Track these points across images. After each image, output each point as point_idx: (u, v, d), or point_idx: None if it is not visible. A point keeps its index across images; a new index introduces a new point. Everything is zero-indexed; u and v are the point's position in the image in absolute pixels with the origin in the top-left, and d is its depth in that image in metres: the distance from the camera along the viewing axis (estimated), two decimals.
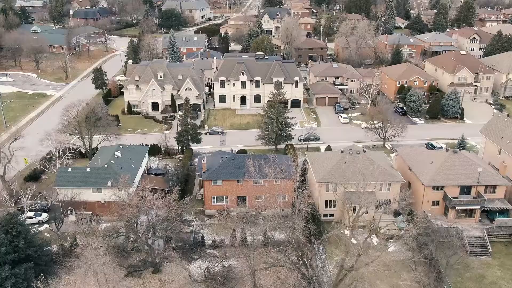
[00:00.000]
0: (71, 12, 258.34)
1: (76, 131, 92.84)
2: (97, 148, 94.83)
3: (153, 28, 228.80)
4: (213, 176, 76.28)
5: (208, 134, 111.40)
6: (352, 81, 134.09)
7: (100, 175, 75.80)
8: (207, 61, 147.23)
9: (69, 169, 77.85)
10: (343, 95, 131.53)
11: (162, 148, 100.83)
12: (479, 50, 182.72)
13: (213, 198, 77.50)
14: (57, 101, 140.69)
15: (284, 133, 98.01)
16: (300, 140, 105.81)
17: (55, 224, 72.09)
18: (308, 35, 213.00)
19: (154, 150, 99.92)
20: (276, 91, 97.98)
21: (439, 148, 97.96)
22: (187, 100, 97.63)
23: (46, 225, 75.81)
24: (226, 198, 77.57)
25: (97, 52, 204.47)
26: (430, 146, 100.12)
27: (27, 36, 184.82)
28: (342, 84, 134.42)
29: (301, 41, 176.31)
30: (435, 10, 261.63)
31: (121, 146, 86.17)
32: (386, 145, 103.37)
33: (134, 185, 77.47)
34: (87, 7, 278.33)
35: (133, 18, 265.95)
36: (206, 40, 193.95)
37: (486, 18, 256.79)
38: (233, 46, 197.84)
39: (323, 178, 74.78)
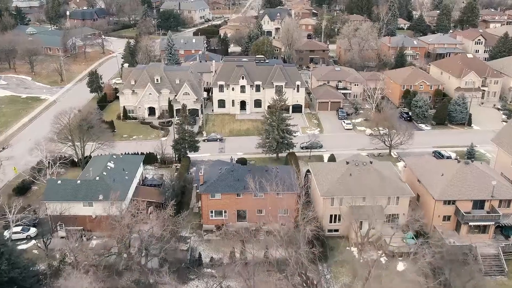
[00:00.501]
0: (67, 13, 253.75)
1: (68, 140, 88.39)
2: (90, 157, 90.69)
3: (151, 29, 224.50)
4: (211, 189, 72.06)
5: (206, 141, 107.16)
6: (355, 85, 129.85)
7: (91, 188, 71.56)
8: (205, 64, 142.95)
9: (59, 181, 73.56)
10: (346, 100, 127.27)
11: (158, 157, 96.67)
12: (484, 52, 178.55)
13: (211, 212, 73.30)
14: (51, 106, 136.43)
15: (286, 141, 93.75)
16: (302, 148, 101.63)
17: (43, 241, 67.80)
18: (309, 36, 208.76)
19: (150, 159, 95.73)
20: (277, 97, 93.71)
21: (448, 157, 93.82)
22: (184, 106, 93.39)
23: (34, 241, 71.57)
24: (225, 212, 73.35)
25: (93, 54, 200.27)
26: (438, 155, 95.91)
27: (22, 38, 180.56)
28: (345, 88, 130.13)
29: (302, 43, 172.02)
30: (438, 11, 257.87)
31: (114, 156, 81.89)
32: (392, 153, 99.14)
33: (127, 198, 73.28)
34: (84, 7, 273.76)
35: (131, 19, 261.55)
36: (205, 42, 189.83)
37: (490, 19, 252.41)
38: (232, 48, 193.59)
39: (327, 191, 70.54)
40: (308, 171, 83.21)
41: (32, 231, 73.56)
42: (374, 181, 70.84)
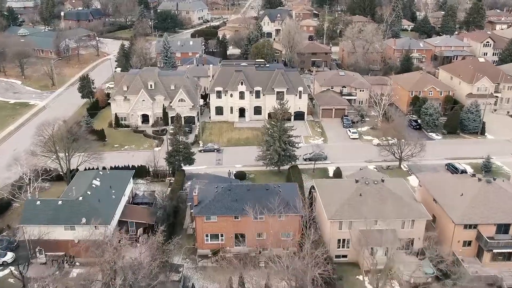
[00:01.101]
0: (62, 14, 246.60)
1: (52, 152, 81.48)
2: (77, 170, 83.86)
3: (147, 31, 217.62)
4: (206, 211, 65.19)
5: (202, 151, 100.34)
6: (361, 91, 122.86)
7: (73, 210, 64.69)
8: (202, 68, 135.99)
9: (38, 202, 66.59)
10: (351, 107, 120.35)
11: (151, 169, 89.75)
12: (493, 55, 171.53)
13: (207, 235, 66.44)
14: (40, 112, 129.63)
15: (288, 154, 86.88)
16: (305, 160, 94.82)
17: (18, 269, 60.90)
18: (310, 38, 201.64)
19: (141, 172, 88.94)
20: (278, 106, 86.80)
21: (463, 171, 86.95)
22: (178, 116, 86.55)
23: (10, 268, 64.67)
24: (221, 236, 66.50)
25: (88, 56, 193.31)
26: (452, 168, 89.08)
27: (13, 39, 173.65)
28: (350, 94, 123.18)
29: (303, 46, 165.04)
30: (442, 12, 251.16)
31: (100, 172, 74.93)
32: (402, 166, 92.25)
33: (114, 220, 66.44)
34: (79, 8, 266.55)
35: (127, 20, 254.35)
36: (203, 44, 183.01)
37: (496, 20, 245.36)
38: (231, 50, 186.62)
39: (335, 214, 63.63)
40: (312, 187, 76.39)
41: (9, 256, 66.74)
42: (387, 202, 64.08)
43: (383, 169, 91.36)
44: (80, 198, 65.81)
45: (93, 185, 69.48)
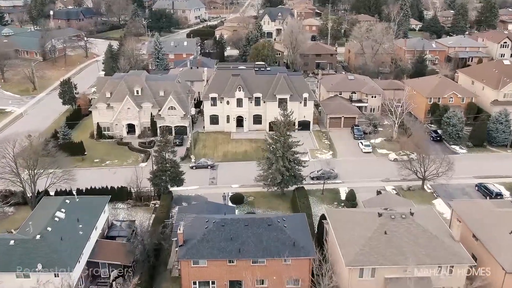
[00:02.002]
0: (51, 13, 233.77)
1: (14, 174, 68.74)
2: (46, 192, 71.21)
3: (141, 31, 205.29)
4: (193, 253, 52.45)
5: (194, 168, 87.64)
6: (372, 97, 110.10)
7: (28, 252, 51.93)
8: (197, 71, 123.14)
9: None
10: (362, 115, 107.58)
11: (133, 191, 76.84)
12: (511, 56, 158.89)
13: (194, 283, 53.67)
14: (17, 119, 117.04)
15: (293, 173, 74.12)
16: (312, 179, 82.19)
17: None
18: (313, 38, 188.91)
19: (122, 194, 76.17)
20: (282, 118, 73.98)
21: (498, 194, 74.23)
22: (164, 130, 73.92)
23: None
24: (213, 284, 53.77)
25: (75, 57, 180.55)
26: (484, 190, 76.37)
27: None
28: (360, 101, 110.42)
29: (307, 46, 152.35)
30: (452, 11, 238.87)
31: (67, 200, 61.94)
32: (425, 187, 79.50)
33: (80, 265, 53.71)
34: (70, 7, 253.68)
35: (120, 19, 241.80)
36: (199, 45, 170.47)
37: (508, 19, 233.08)
38: (229, 51, 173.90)
39: (354, 259, 50.76)
40: (323, 216, 63.72)
41: None
42: (419, 243, 51.50)
43: (403, 190, 78.69)
44: (38, 236, 53.05)
45: (56, 219, 56.65)
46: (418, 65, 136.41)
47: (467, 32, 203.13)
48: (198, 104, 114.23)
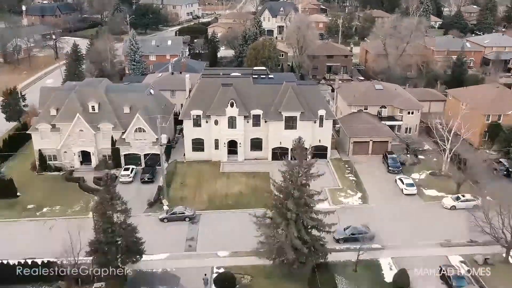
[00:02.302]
0: (24, 8, 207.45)
1: None
2: None
3: (123, 28, 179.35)
4: None
5: (166, 220, 61.02)
6: (409, 112, 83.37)
7: None
8: (179, 77, 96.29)
9: None
10: (395, 138, 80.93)
11: (68, 270, 49.87)
12: None
13: None
14: None
15: (313, 246, 47.40)
16: (338, 241, 55.59)
17: None
18: (320, 37, 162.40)
19: (49, 273, 49.39)
20: (295, 156, 47.11)
21: None
22: (108, 177, 47.15)
23: None
24: None
25: (43, 59, 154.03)
26: None
27: None
28: (392, 118, 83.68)
29: (316, 46, 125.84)
30: (475, 6, 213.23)
31: None
32: (510, 258, 52.81)
33: None
34: (45, 1, 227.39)
35: (103, 15, 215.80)
36: (187, 44, 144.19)
37: None
38: (223, 52, 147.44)
39: None
40: None
41: None
42: None
43: (477, 264, 52.06)
44: None
45: None
46: (456, 69, 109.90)
47: (494, 30, 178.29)
48: (180, 121, 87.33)
